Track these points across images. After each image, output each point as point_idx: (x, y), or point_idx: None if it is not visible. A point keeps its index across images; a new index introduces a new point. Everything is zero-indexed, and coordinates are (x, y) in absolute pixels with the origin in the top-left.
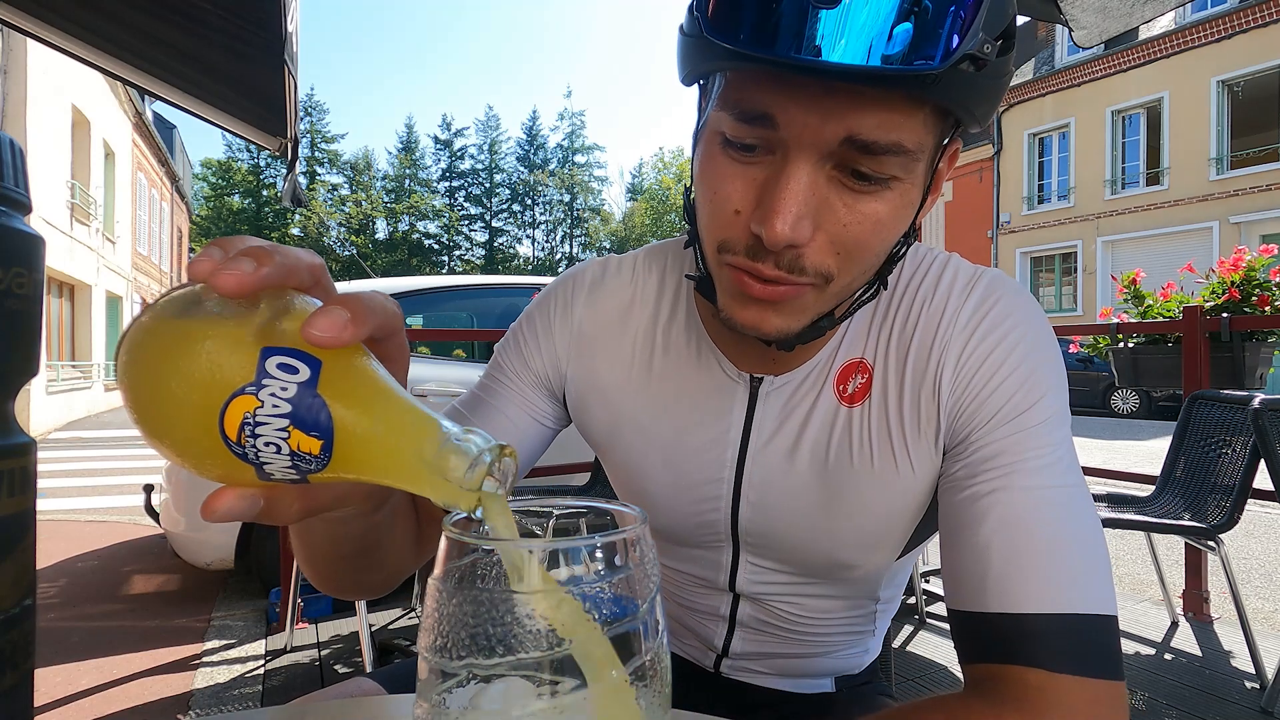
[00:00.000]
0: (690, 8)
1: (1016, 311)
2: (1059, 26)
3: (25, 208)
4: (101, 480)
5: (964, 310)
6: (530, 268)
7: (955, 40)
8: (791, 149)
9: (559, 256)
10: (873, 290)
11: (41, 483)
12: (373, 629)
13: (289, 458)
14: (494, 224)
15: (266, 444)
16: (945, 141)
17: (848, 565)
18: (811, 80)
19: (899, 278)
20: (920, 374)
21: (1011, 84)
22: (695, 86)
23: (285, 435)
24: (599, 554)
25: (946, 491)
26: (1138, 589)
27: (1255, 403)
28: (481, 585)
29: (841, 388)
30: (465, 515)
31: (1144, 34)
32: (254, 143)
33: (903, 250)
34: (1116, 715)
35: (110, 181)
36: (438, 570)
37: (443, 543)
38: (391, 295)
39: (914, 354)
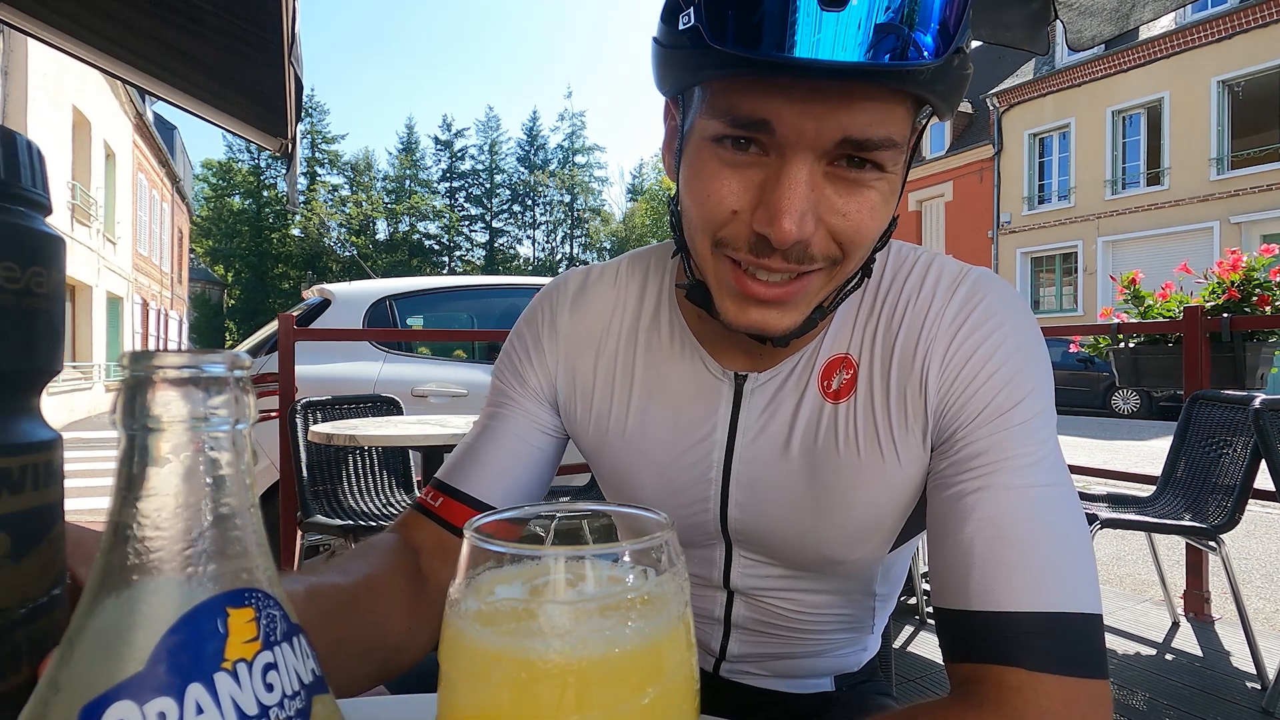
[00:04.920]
0: (667, 19)
1: (1001, 310)
2: (1059, 26)
3: (45, 209)
4: (102, 480)
5: (949, 308)
6: (530, 268)
7: (953, 35)
8: (788, 150)
9: (559, 257)
10: (858, 279)
11: None
12: None
13: None
14: (494, 224)
15: None
16: (920, 129)
17: (838, 560)
18: (802, 83)
19: (883, 274)
20: (906, 371)
21: (1011, 84)
22: (661, 103)
23: None
24: (627, 559)
25: (933, 489)
26: (1139, 589)
27: (1256, 403)
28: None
29: (826, 384)
30: (490, 519)
31: (1144, 34)
32: (254, 143)
33: (886, 239)
34: (1097, 714)
35: (111, 182)
36: (459, 578)
37: (464, 549)
38: (392, 295)
39: (899, 351)
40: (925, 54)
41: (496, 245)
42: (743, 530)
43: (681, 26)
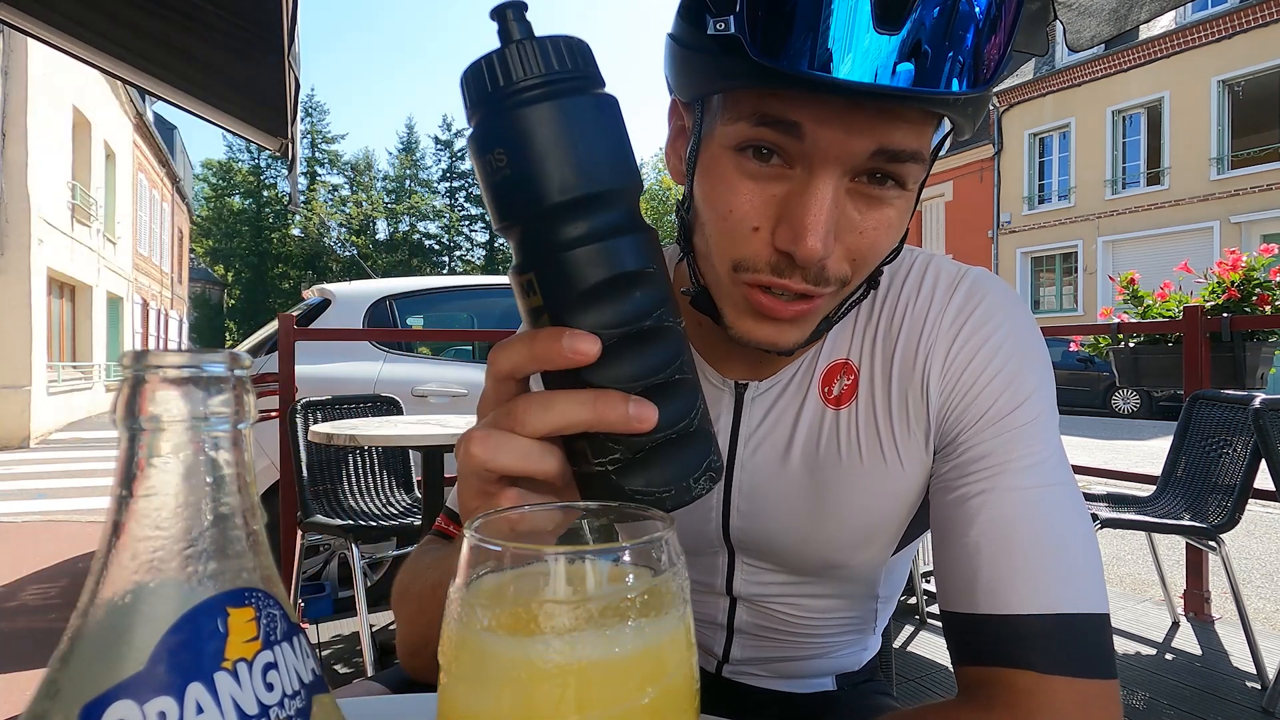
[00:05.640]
0: (691, 19)
1: (1000, 311)
2: (1058, 26)
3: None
4: (101, 481)
5: (948, 311)
6: None
7: (999, 62)
8: (816, 163)
9: None
10: (863, 291)
11: (41, 483)
12: (374, 629)
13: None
14: None
15: None
16: (937, 146)
17: (841, 564)
18: (842, 100)
19: (881, 278)
20: (907, 375)
21: (1011, 84)
22: (663, 101)
23: None
24: (628, 559)
25: (937, 492)
26: (1139, 589)
27: (1256, 402)
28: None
29: (827, 390)
30: (486, 517)
31: (1144, 34)
32: (254, 143)
33: (895, 255)
34: (1108, 714)
35: (111, 182)
36: (459, 579)
37: (464, 548)
38: (392, 295)
39: (900, 355)
40: (971, 82)
41: (496, 245)
42: (745, 538)
43: (712, 31)
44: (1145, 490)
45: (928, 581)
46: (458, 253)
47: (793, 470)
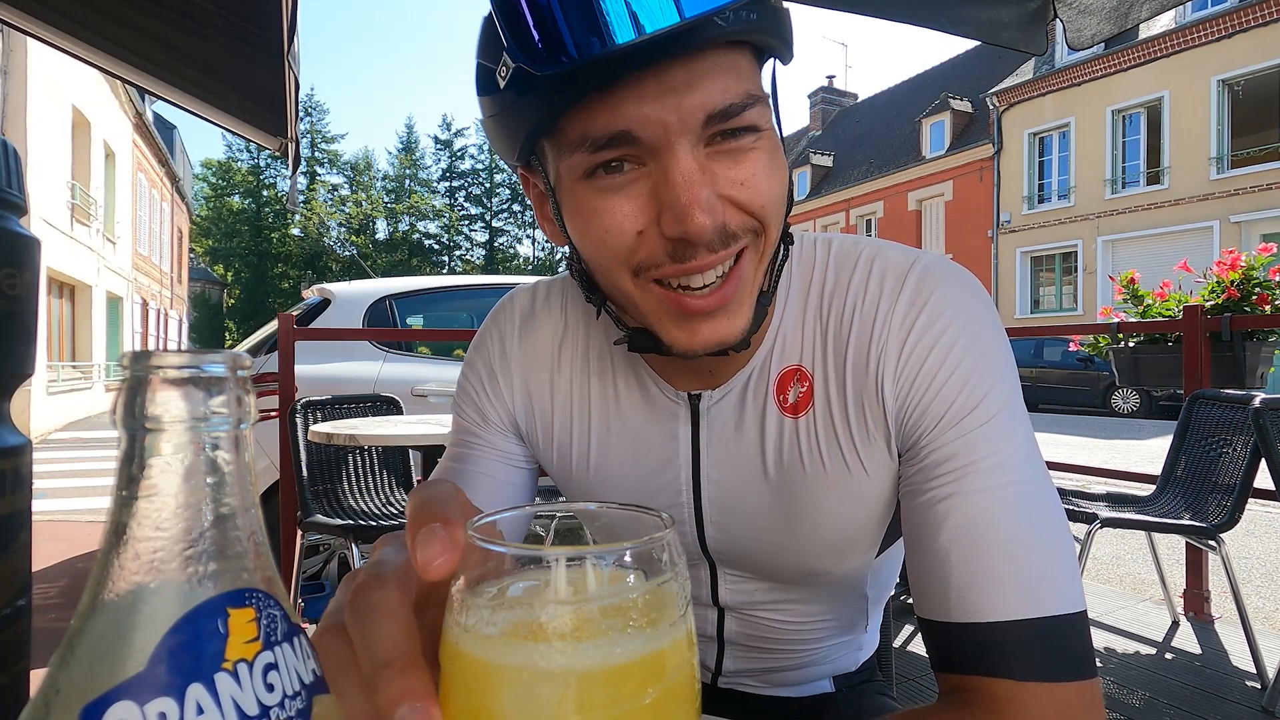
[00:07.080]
0: (486, 89)
1: (952, 306)
2: (1058, 25)
3: (20, 209)
4: (101, 480)
5: (897, 310)
6: (530, 268)
7: None
8: (663, 149)
9: (559, 256)
10: (784, 251)
11: (42, 483)
12: None
13: None
14: (494, 224)
15: None
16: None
17: (822, 572)
18: (647, 81)
19: (826, 275)
20: (862, 379)
21: (1011, 83)
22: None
23: None
24: (628, 559)
25: (905, 496)
26: (1138, 589)
27: (1256, 402)
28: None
29: (782, 398)
30: (488, 519)
31: (1144, 34)
32: (254, 142)
33: (790, 203)
34: (1089, 715)
35: (110, 182)
36: (461, 580)
37: (465, 550)
38: (392, 295)
39: (852, 359)
40: None
41: (496, 245)
42: (723, 549)
43: (503, 85)
44: (1145, 490)
45: None
46: (457, 252)
47: (759, 481)
